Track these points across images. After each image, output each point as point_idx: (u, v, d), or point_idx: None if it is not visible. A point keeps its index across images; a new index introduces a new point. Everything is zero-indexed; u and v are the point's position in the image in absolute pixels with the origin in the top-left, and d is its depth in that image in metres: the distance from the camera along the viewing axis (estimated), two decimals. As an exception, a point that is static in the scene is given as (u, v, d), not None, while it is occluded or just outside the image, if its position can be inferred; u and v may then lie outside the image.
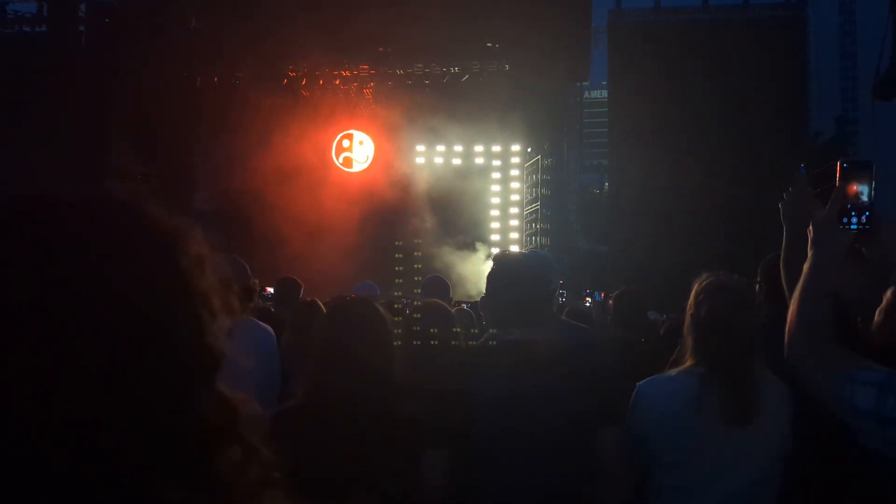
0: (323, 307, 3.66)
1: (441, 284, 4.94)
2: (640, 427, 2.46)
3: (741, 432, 2.32)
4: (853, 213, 1.84)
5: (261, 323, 3.75)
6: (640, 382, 2.53)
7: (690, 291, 2.49)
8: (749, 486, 2.35)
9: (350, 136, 14.63)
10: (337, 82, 14.65)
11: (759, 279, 2.98)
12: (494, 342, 2.60)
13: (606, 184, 22.65)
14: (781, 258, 2.19)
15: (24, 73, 13.67)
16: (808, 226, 1.93)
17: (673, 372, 2.48)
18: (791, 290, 2.09)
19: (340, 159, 14.58)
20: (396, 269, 5.01)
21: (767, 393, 2.37)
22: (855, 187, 1.85)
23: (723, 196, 14.46)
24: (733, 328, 2.35)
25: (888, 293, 1.92)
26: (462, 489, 2.34)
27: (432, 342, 3.09)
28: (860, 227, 1.83)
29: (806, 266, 1.83)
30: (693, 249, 12.25)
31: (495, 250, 14.34)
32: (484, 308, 2.75)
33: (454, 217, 13.84)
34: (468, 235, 13.81)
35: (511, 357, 2.45)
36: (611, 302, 8.21)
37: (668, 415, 2.40)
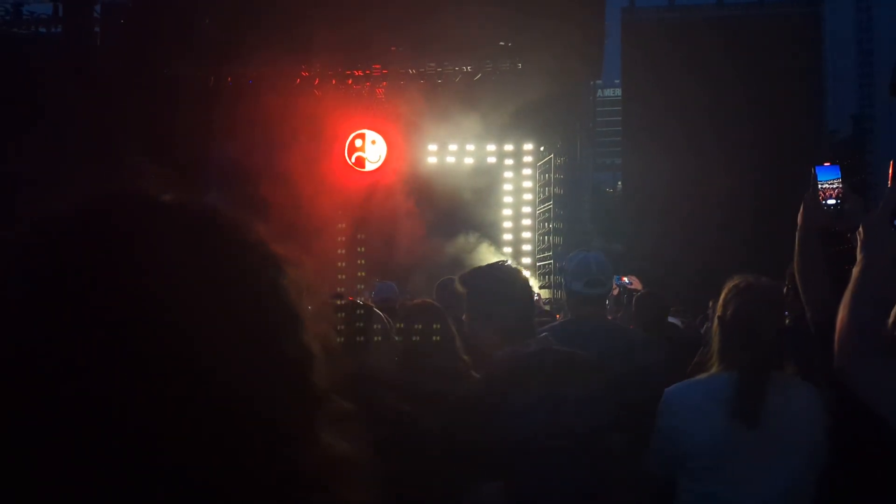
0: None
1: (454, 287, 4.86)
2: (669, 434, 2.41)
3: (767, 437, 2.26)
4: None
5: None
6: (668, 389, 2.49)
7: (707, 291, 2.47)
8: (779, 495, 2.28)
9: (362, 136, 14.62)
10: (349, 82, 14.65)
11: (787, 282, 2.93)
12: (527, 352, 2.49)
13: (619, 182, 22.56)
14: (795, 258, 2.15)
15: (40, 74, 13.78)
16: (817, 224, 1.88)
17: (703, 376, 2.43)
18: (805, 287, 2.05)
19: (353, 159, 14.58)
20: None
21: (794, 397, 2.31)
22: None
23: (737, 194, 14.36)
24: (757, 328, 2.30)
25: None
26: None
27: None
28: None
29: (856, 269, 1.75)
30: (707, 248, 12.17)
31: (508, 250, 14.30)
32: (481, 329, 2.62)
33: (466, 216, 13.81)
34: (480, 234, 13.78)
35: (548, 366, 2.38)
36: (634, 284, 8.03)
37: (695, 420, 2.36)
